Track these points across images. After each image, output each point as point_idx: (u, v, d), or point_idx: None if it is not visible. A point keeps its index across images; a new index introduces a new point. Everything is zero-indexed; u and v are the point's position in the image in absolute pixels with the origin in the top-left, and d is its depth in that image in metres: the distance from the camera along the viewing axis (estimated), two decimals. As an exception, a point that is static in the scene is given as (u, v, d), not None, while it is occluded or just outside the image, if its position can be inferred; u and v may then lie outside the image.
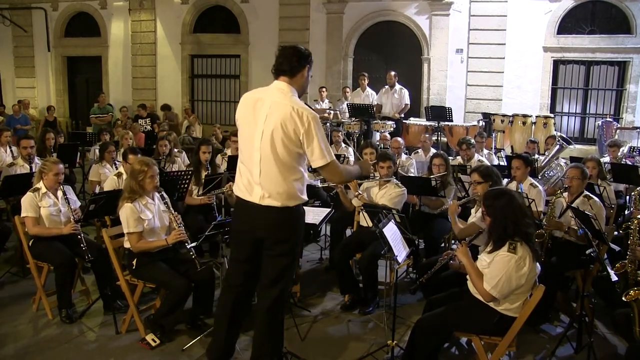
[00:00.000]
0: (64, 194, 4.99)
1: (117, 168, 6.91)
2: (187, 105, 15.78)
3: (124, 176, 5.97)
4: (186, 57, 16.12)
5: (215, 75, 16.18)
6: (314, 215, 3.99)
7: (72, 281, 4.98)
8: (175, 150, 8.06)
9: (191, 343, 4.44)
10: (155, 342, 4.43)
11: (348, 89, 12.94)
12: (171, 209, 4.70)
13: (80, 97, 17.70)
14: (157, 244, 4.57)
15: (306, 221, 3.91)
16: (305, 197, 3.55)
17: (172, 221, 4.66)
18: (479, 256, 3.96)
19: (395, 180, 5.76)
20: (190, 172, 6.18)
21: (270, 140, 3.36)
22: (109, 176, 6.47)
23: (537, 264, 3.70)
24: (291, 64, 3.45)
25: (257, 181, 3.45)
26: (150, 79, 16.47)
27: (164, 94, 16.21)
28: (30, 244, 4.96)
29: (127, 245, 4.57)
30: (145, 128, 12.80)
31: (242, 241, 3.65)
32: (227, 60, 15.87)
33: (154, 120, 13.56)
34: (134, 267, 4.54)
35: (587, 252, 4.23)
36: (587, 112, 13.63)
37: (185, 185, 6.03)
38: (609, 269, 4.07)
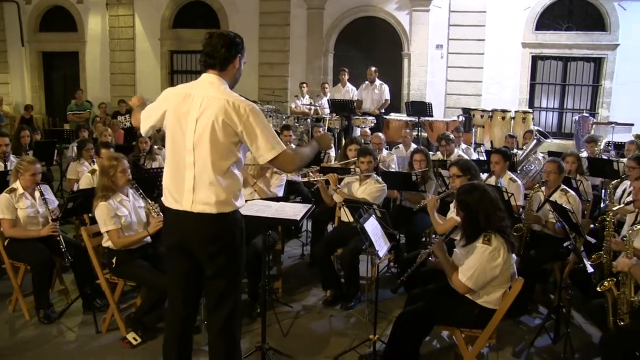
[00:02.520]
0: (42, 194, 4.91)
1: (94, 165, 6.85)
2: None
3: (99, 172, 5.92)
4: (165, 53, 15.99)
5: (195, 72, 15.94)
6: (295, 211, 3.98)
7: (50, 281, 4.93)
8: (156, 147, 7.99)
9: (173, 341, 4.41)
10: (136, 340, 4.39)
11: (327, 85, 12.93)
12: (147, 199, 4.64)
13: (57, 94, 17.39)
14: (138, 236, 4.53)
15: (287, 217, 3.85)
16: (241, 202, 3.15)
17: (150, 211, 4.61)
18: (454, 250, 4.01)
19: (375, 175, 5.78)
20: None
21: (205, 140, 2.94)
22: (84, 174, 6.40)
23: (513, 255, 3.74)
24: (220, 55, 3.03)
25: (189, 187, 3.01)
26: (129, 75, 16.28)
27: (143, 91, 15.93)
28: (5, 243, 4.88)
29: (106, 244, 4.52)
30: (125, 125, 12.67)
31: (176, 256, 3.19)
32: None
33: (133, 117, 13.39)
34: (114, 266, 4.50)
35: (565, 244, 4.30)
36: (565, 107, 13.81)
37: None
38: (585, 261, 4.13)
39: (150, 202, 4.63)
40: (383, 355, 4.03)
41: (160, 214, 4.51)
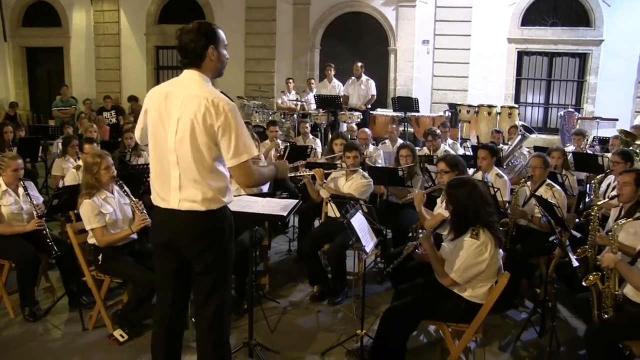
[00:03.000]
0: (25, 189, 4.85)
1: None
2: (153, 97, 15.50)
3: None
4: (151, 48, 15.88)
5: (181, 67, 15.86)
6: (282, 206, 3.97)
7: (35, 278, 4.88)
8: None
9: (160, 337, 4.39)
10: (123, 337, 4.37)
11: (313, 81, 12.92)
12: (131, 196, 4.61)
13: (41, 90, 17.21)
14: (122, 234, 4.50)
15: (274, 212, 3.84)
16: (229, 198, 3.08)
17: (134, 208, 4.58)
18: (442, 244, 4.03)
19: (362, 171, 5.79)
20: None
21: (186, 139, 2.88)
22: (69, 171, 6.35)
23: (500, 250, 3.77)
24: (192, 53, 2.95)
25: (175, 185, 2.96)
26: (115, 71, 16.15)
27: (128, 86, 15.90)
28: (-11, 241, 4.81)
29: (91, 241, 4.50)
30: (110, 121, 12.57)
31: (164, 254, 3.15)
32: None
33: (119, 113, 13.31)
34: (100, 262, 4.47)
35: (550, 239, 4.32)
36: (550, 102, 13.90)
37: (151, 179, 5.93)
38: (570, 255, 4.16)
39: (134, 199, 4.60)
40: (370, 350, 4.04)
41: (145, 211, 4.51)
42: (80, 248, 4.53)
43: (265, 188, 5.56)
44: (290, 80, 12.69)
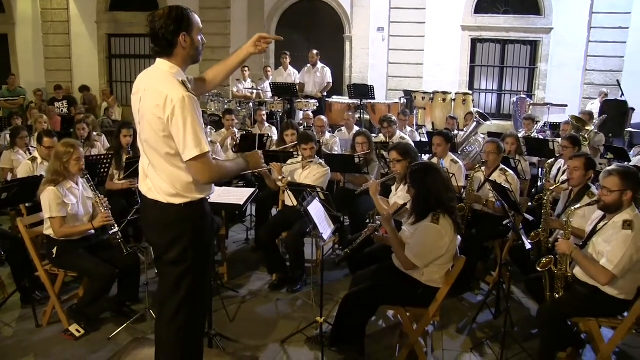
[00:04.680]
0: None
1: (31, 153, 6.58)
2: (106, 86, 15.13)
3: (39, 160, 5.73)
4: (103, 37, 15.44)
5: (134, 56, 15.59)
6: (239, 195, 3.93)
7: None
8: (95, 133, 7.75)
9: (118, 331, 4.32)
10: (79, 332, 4.29)
11: (270, 68, 12.83)
12: (97, 192, 4.54)
13: (-15, 80, 16.59)
14: (82, 228, 4.42)
15: (231, 202, 3.81)
16: (199, 195, 2.92)
17: (97, 205, 4.50)
18: (402, 227, 4.07)
19: (318, 159, 5.79)
20: (110, 156, 5.97)
21: (147, 132, 2.80)
22: (22, 162, 6.16)
23: (458, 235, 3.83)
24: (163, 40, 2.77)
25: (143, 173, 2.96)
26: (65, 60, 15.63)
27: (80, 76, 15.45)
28: None
29: (48, 232, 4.38)
30: (62, 111, 12.23)
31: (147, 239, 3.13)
32: (146, 39, 15.10)
33: (70, 103, 12.97)
34: (54, 256, 4.37)
35: (504, 223, 4.41)
36: (503, 89, 14.15)
37: (106, 170, 5.84)
38: (524, 238, 4.26)
39: (99, 195, 4.52)
40: (330, 336, 4.06)
41: (108, 209, 4.42)
42: (32, 242, 4.39)
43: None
44: (246, 69, 12.55)
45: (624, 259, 3.43)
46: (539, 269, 3.77)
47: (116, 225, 4.41)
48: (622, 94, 11.76)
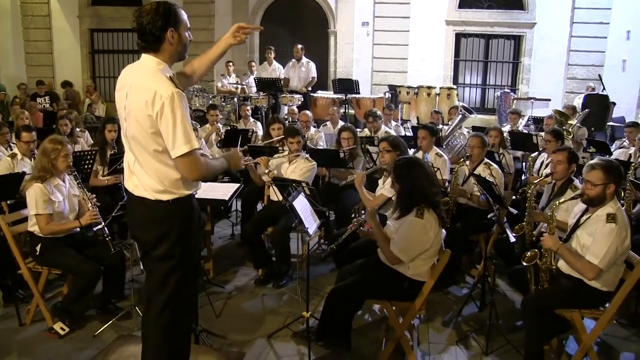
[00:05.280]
0: None
1: (12, 150, 6.50)
2: (89, 82, 14.93)
3: (19, 157, 5.64)
4: (85, 32, 15.24)
5: (117, 51, 15.42)
6: (224, 191, 3.91)
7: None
8: (78, 129, 7.69)
9: (103, 328, 4.28)
10: (64, 330, 4.24)
11: (254, 63, 12.80)
12: (85, 190, 4.50)
13: (-37, 75, 16.30)
14: (68, 225, 4.37)
15: (216, 197, 3.79)
16: (186, 191, 2.92)
17: (85, 202, 4.47)
18: (387, 222, 4.07)
19: (304, 154, 5.78)
20: (94, 152, 5.92)
21: (134, 128, 2.78)
22: (2, 159, 6.07)
23: (443, 229, 3.85)
24: (150, 35, 2.75)
25: (129, 170, 2.92)
26: (47, 55, 15.39)
27: (62, 71, 15.24)
28: None
29: (32, 228, 4.32)
30: (44, 107, 12.09)
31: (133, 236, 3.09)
32: (129, 35, 15.05)
33: (53, 99, 12.81)
34: (37, 253, 4.31)
35: (489, 216, 4.44)
36: (487, 83, 14.25)
37: (90, 166, 5.79)
38: (508, 231, 4.29)
39: (87, 193, 4.48)
40: (316, 331, 4.06)
41: (96, 207, 4.39)
42: (14, 240, 4.33)
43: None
44: (230, 64, 12.51)
45: (609, 253, 3.46)
46: (524, 263, 3.80)
47: (103, 223, 4.38)
48: (604, 88, 11.88)
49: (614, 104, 11.76)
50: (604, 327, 3.71)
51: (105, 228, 4.37)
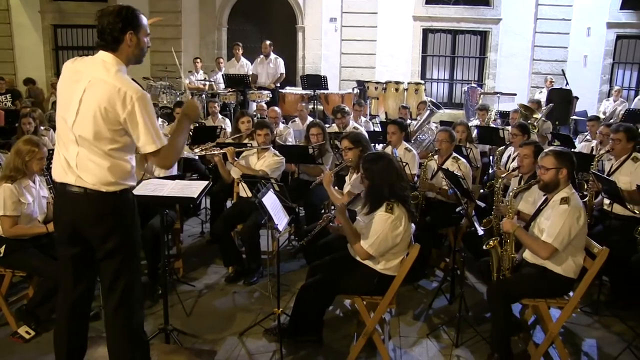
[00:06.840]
0: None
1: (-29, 149, 6.35)
2: (54, 79, 14.55)
3: (-22, 156, 5.52)
4: (48, 27, 14.92)
5: (83, 47, 15.10)
6: (192, 188, 3.87)
7: None
8: (42, 128, 7.52)
9: (69, 330, 4.20)
10: (29, 334, 4.14)
11: (222, 60, 12.73)
12: (53, 192, 4.38)
13: None
14: (35, 230, 4.26)
15: (184, 195, 3.75)
16: (132, 182, 3.01)
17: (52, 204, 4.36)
18: (357, 217, 4.08)
19: (273, 149, 5.77)
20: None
21: (88, 122, 2.79)
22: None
23: (412, 224, 3.87)
24: (108, 37, 2.84)
25: (73, 163, 2.87)
26: (7, 51, 15.03)
27: (24, 68, 14.90)
28: None
29: (-4, 230, 4.20)
30: (5, 105, 11.81)
31: (65, 234, 3.02)
32: (94, 30, 14.77)
33: (15, 97, 12.52)
34: (2, 255, 4.19)
35: (457, 210, 4.49)
36: (454, 78, 14.41)
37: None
38: (476, 224, 4.35)
39: None
40: (288, 327, 4.06)
41: None
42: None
43: (174, 170, 5.42)
44: (198, 60, 12.40)
45: (563, 232, 3.59)
46: (485, 247, 3.88)
47: None
48: (567, 83, 12.11)
49: (577, 98, 12.01)
50: (569, 316, 3.82)
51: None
